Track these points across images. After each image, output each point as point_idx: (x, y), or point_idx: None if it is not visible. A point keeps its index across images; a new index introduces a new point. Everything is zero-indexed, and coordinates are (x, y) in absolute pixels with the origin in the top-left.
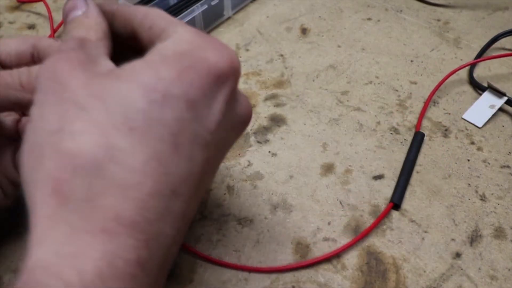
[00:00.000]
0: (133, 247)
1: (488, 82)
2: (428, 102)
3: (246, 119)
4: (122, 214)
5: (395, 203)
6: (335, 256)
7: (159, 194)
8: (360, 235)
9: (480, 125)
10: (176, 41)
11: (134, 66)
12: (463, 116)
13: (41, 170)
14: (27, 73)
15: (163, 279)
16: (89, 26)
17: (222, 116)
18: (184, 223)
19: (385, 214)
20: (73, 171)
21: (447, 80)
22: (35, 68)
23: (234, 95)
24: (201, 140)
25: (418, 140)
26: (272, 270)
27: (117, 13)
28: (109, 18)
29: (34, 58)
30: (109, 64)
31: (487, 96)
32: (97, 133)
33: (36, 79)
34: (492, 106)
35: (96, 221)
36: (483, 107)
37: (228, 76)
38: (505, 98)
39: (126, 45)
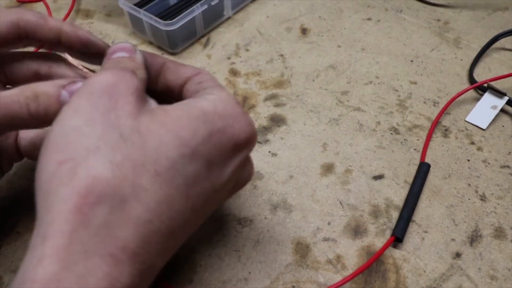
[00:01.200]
0: (131, 274)
1: (488, 83)
2: (433, 128)
3: (244, 183)
4: (129, 245)
5: (397, 236)
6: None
7: (161, 233)
8: (357, 271)
9: (484, 127)
10: (217, 101)
11: (178, 116)
12: (467, 119)
13: (69, 184)
14: (34, 98)
15: None
16: (135, 67)
17: (229, 179)
18: (169, 256)
19: (386, 249)
20: (100, 196)
21: (447, 80)
22: (41, 89)
23: (244, 163)
24: (206, 195)
25: (423, 171)
26: None
27: (168, 65)
28: (157, 69)
29: (21, 37)
30: (154, 103)
31: (488, 97)
32: (130, 168)
33: (83, 86)
34: (494, 107)
35: (108, 247)
36: (485, 109)
37: (245, 147)
38: (506, 98)
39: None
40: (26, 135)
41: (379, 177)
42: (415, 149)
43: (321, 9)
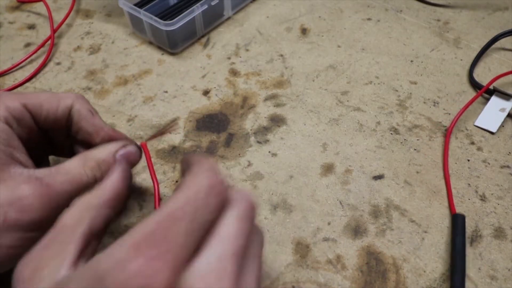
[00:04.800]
0: None
1: (494, 86)
2: (448, 139)
3: None
4: None
5: None
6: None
7: None
8: None
9: (494, 130)
10: None
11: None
12: (475, 123)
13: None
14: (98, 168)
15: None
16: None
17: None
18: None
19: None
20: None
21: (447, 80)
22: (101, 157)
23: None
24: None
25: (460, 225)
26: None
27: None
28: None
29: (68, 124)
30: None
31: (495, 100)
32: None
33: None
34: (502, 110)
35: None
36: (493, 112)
37: None
38: None
39: None
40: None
41: (379, 177)
42: (415, 149)
43: (321, 9)
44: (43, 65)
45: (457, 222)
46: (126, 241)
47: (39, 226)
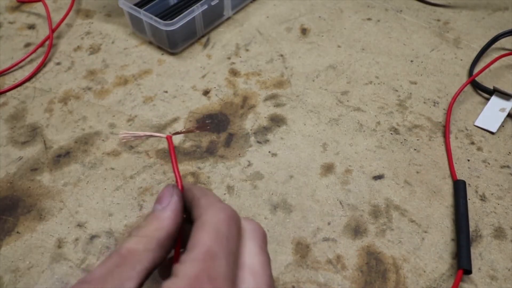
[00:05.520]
0: None
1: (494, 86)
2: (448, 133)
3: None
4: None
5: (466, 269)
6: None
7: None
8: None
9: (494, 130)
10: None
11: None
12: (476, 123)
13: None
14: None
15: None
16: (148, 232)
17: None
18: None
19: (458, 284)
20: None
21: (447, 80)
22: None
23: None
24: None
25: (462, 190)
26: None
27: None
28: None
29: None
30: None
31: (495, 100)
32: None
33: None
34: (502, 110)
35: None
36: (493, 112)
37: None
38: None
39: None
40: None
41: (379, 177)
42: (415, 149)
43: (321, 9)
44: (42, 64)
45: (459, 187)
46: (184, 279)
47: None
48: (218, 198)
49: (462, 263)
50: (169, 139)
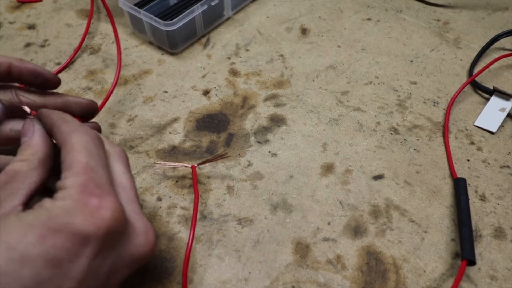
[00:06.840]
0: None
1: (493, 86)
2: (447, 133)
3: (141, 257)
4: None
5: (469, 259)
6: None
7: None
8: None
9: (494, 130)
10: (58, 199)
11: (7, 225)
12: (476, 123)
13: None
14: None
15: None
16: (27, 156)
17: (89, 267)
18: None
19: (461, 277)
20: None
21: (447, 80)
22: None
23: (106, 248)
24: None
25: (462, 187)
26: None
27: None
28: (49, 129)
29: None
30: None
31: (495, 100)
32: None
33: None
34: (502, 110)
35: None
36: (493, 112)
37: (92, 238)
38: None
39: None
40: None
41: (379, 177)
42: (415, 149)
43: (321, 9)
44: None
45: (460, 184)
46: (73, 188)
47: None
48: (79, 123)
49: (465, 254)
50: (193, 169)
